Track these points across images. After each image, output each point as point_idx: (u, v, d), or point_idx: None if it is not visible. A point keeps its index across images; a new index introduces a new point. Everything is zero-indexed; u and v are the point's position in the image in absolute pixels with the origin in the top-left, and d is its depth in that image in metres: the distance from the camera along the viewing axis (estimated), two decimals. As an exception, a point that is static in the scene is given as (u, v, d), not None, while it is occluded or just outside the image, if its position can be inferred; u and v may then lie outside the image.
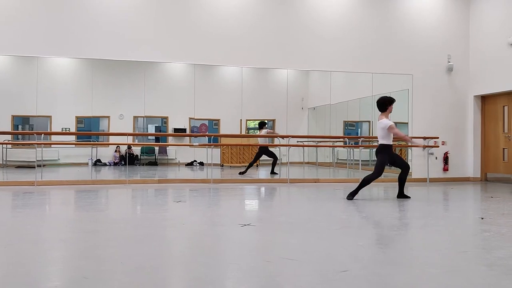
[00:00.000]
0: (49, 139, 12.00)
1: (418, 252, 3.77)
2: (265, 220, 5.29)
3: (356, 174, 10.46)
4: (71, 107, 13.32)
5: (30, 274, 3.02)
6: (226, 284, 2.95)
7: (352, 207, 6.28)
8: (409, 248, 3.97)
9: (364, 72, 10.85)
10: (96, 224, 4.90)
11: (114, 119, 13.63)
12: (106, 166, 13.68)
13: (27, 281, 2.87)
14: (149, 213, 5.88)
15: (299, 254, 3.58)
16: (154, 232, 4.43)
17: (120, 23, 9.36)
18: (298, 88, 14.36)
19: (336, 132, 13.31)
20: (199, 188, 8.40)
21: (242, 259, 3.53)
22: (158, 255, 3.58)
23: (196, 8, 9.78)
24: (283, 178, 9.70)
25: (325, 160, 13.84)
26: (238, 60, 10.21)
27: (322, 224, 4.89)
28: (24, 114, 13.09)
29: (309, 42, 10.23)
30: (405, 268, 3.27)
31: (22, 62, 12.48)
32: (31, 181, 8.56)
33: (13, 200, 6.97)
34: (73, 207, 6.55)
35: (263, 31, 10.00)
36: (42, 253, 3.63)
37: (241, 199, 7.52)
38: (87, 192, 7.70)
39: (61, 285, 2.86)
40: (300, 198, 7.56)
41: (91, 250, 3.70)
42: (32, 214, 5.59)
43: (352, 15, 10.49)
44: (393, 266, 3.28)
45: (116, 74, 13.08)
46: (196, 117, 13.47)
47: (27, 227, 4.66)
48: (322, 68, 10.90)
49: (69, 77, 13.52)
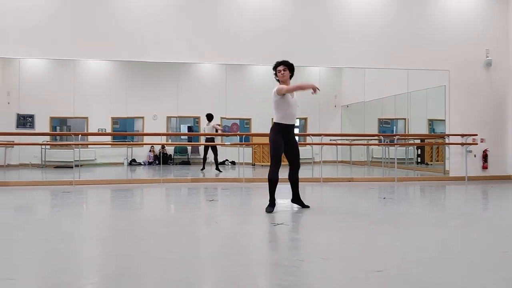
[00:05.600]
0: (86, 139, 12.30)
1: (456, 252, 3.64)
2: (298, 220, 5.24)
3: (392, 173, 10.25)
4: (107, 108, 13.62)
5: (68, 271, 3.08)
6: (259, 282, 2.93)
7: (387, 207, 6.15)
8: (447, 248, 3.84)
9: (399, 68, 10.62)
10: (132, 222, 4.98)
11: (148, 120, 13.86)
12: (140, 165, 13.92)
13: (66, 278, 2.92)
14: (182, 212, 5.93)
15: (333, 253, 3.52)
16: (187, 231, 4.46)
17: (153, 26, 9.48)
18: (330, 86, 14.20)
19: (371, 130, 13.10)
20: (231, 187, 8.42)
21: (274, 257, 3.50)
22: (192, 253, 3.59)
23: (227, 9, 9.80)
24: (316, 177, 9.61)
25: (359, 158, 13.63)
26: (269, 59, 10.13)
27: (356, 224, 4.81)
28: (62, 116, 13.45)
29: (342, 39, 10.09)
30: (442, 268, 3.17)
31: (60, 66, 12.84)
32: (69, 181, 8.78)
33: (52, 199, 7.16)
34: (109, 206, 6.68)
35: (294, 30, 9.93)
36: (80, 251, 3.71)
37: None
38: (122, 191, 7.84)
39: (98, 282, 2.90)
40: (334, 197, 7.47)
41: (127, 248, 3.75)
42: (70, 212, 5.73)
43: (386, 11, 10.29)
44: (430, 265, 3.18)
45: (150, 75, 13.29)
46: (228, 117, 13.52)
47: (65, 226, 4.78)
48: (355, 65, 10.74)
49: (105, 79, 13.83)
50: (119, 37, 9.37)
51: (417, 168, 12.18)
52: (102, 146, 13.32)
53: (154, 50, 9.54)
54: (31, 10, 9.08)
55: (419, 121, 12.47)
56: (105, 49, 9.41)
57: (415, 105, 12.25)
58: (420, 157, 12.63)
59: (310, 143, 10.82)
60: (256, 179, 9.66)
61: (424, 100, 12.20)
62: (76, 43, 9.26)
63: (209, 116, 11.63)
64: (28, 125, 13.11)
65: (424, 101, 12.24)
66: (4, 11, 9.00)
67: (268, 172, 5.44)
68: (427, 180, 10.22)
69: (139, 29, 9.43)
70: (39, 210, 6.32)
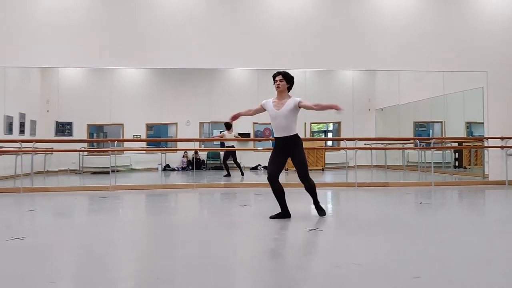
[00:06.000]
0: (121, 146, 12.55)
1: (496, 259, 3.51)
2: (332, 225, 5.17)
3: (428, 177, 10.01)
4: (142, 114, 13.88)
5: (105, 274, 3.14)
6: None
7: (423, 212, 6.00)
8: (486, 254, 3.70)
9: (434, 70, 10.39)
10: (166, 227, 5.04)
11: (182, 126, 14.04)
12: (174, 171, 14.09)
13: (103, 281, 2.98)
14: (216, 217, 5.96)
15: (369, 259, 3.45)
16: (221, 235, 4.47)
17: (186, 33, 9.61)
18: (364, 89, 14.02)
19: (406, 134, 12.85)
20: (264, 192, 8.40)
21: (308, 263, 3.46)
22: (225, 258, 3.59)
23: (258, 15, 9.83)
24: (351, 182, 9.48)
25: (395, 163, 13.37)
26: (301, 63, 10.13)
27: (392, 229, 4.71)
28: (99, 123, 13.79)
29: (376, 41, 9.95)
30: (481, 275, 3.05)
31: (96, 74, 13.19)
32: (106, 186, 8.97)
33: (90, 204, 7.33)
34: (144, 211, 6.78)
35: (326, 34, 9.85)
36: (116, 255, 3.77)
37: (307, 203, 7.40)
38: (157, 196, 7.96)
39: (134, 286, 2.94)
40: (369, 202, 7.34)
41: (162, 252, 3.79)
42: (107, 217, 5.85)
43: (421, 12, 10.09)
44: (468, 272, 3.08)
45: (183, 82, 13.47)
46: (260, 122, 13.53)
47: (103, 230, 4.88)
48: (389, 68, 10.57)
49: (140, 86, 14.11)
50: (153, 45, 9.53)
51: (455, 172, 11.85)
52: (137, 152, 13.58)
53: (187, 57, 9.66)
54: (69, 22, 9.35)
55: (456, 124, 12.15)
56: (140, 57, 9.59)
57: (452, 107, 11.94)
58: (457, 161, 12.30)
59: (344, 148, 10.69)
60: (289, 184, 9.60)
61: (461, 102, 11.88)
62: (112, 52, 9.48)
63: (227, 125, 11.64)
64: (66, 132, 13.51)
65: (461, 104, 11.92)
66: (43, 23, 9.31)
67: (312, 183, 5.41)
68: (466, 184, 9.92)
69: (172, 37, 9.57)
70: (77, 215, 6.48)
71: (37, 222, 5.58)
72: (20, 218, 5.90)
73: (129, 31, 9.52)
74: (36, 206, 6.83)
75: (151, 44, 9.54)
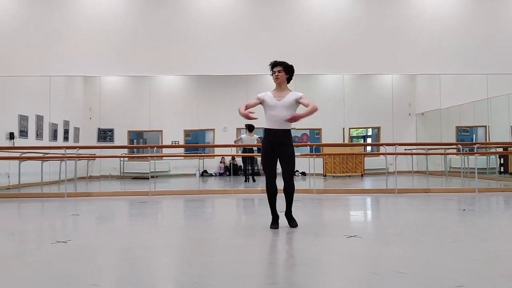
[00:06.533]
0: (160, 152, 12.78)
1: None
2: (372, 232, 5.07)
3: (472, 184, 9.67)
4: (180, 121, 14.10)
5: (144, 278, 3.18)
6: (332, 296, 2.85)
7: (467, 219, 5.79)
8: (539, 265, 3.53)
9: (477, 73, 10.06)
10: (204, 232, 5.07)
11: (219, 131, 14.17)
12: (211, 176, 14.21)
13: (142, 284, 3.02)
14: (253, 222, 5.95)
15: (409, 267, 3.35)
16: (257, 241, 4.46)
17: (223, 41, 9.71)
18: (404, 93, 13.73)
19: (448, 139, 12.48)
20: (302, 198, 8.34)
21: (347, 270, 3.40)
22: (262, 263, 3.58)
23: (295, 20, 9.82)
24: (391, 188, 9.28)
25: (436, 168, 13.00)
26: (340, 68, 10.04)
27: (434, 236, 4.56)
28: (139, 129, 14.11)
29: (416, 44, 9.74)
30: (535, 287, 2.91)
31: (136, 82, 13.51)
32: (146, 191, 9.14)
33: (130, 209, 7.48)
34: (182, 216, 6.86)
35: (365, 38, 9.74)
36: (155, 259, 3.82)
37: (346, 209, 7.31)
38: (195, 202, 8.03)
39: (172, 290, 2.96)
40: (409, 209, 7.15)
41: (199, 256, 3.81)
42: (146, 222, 5.95)
43: (462, 14, 9.82)
44: (521, 284, 2.94)
45: (220, 88, 13.59)
46: (297, 127, 13.47)
47: (142, 234, 4.96)
48: (430, 71, 10.33)
49: (178, 93, 14.35)
50: (191, 52, 9.69)
51: (500, 178, 11.41)
52: (176, 158, 13.78)
53: (223, 64, 9.75)
54: (110, 32, 9.64)
55: (501, 128, 11.70)
56: (178, 64, 9.77)
57: (496, 111, 11.52)
58: (503, 166, 11.84)
59: (383, 153, 10.49)
60: (328, 190, 9.51)
61: (506, 106, 11.45)
62: (151, 60, 9.69)
63: (250, 127, 11.62)
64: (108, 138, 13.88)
65: (506, 107, 11.49)
66: (85, 33, 9.62)
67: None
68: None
69: (209, 45, 9.70)
70: (119, 219, 6.62)
71: (80, 226, 5.74)
72: (64, 222, 6.08)
73: (167, 39, 9.71)
74: (79, 211, 7.03)
75: (188, 52, 9.69)
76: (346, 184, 11.60)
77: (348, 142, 13.65)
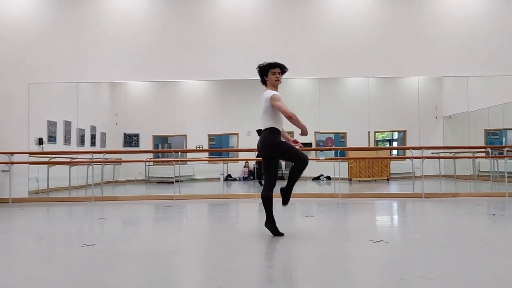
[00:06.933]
0: (185, 156, 12.87)
1: None
2: (399, 237, 4.98)
3: (502, 188, 9.42)
4: (204, 125, 14.18)
5: (168, 282, 3.19)
6: (358, 302, 2.81)
7: (498, 224, 5.63)
8: None
9: (506, 75, 9.81)
10: (228, 236, 5.07)
11: (243, 136, 14.18)
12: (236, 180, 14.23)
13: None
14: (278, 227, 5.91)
15: (437, 273, 3.27)
16: (282, 246, 4.43)
17: (245, 45, 9.74)
18: (430, 96, 13.48)
19: (476, 142, 12.19)
20: (327, 202, 8.27)
21: (374, 276, 3.34)
22: (287, 268, 3.55)
23: (318, 23, 9.78)
24: (417, 193, 9.12)
25: (465, 172, 12.71)
26: (365, 71, 9.95)
27: (462, 242, 4.45)
28: (163, 134, 14.24)
29: (443, 46, 9.57)
30: None
31: (161, 87, 13.65)
32: (170, 195, 9.22)
33: (155, 212, 7.55)
34: (207, 220, 6.88)
35: (390, 41, 9.63)
36: (180, 263, 3.84)
37: (372, 214, 7.21)
38: (219, 206, 8.05)
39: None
40: (437, 214, 7.01)
41: (224, 261, 3.81)
42: (171, 226, 5.99)
43: (489, 13, 9.60)
44: (556, 292, 2.83)
45: (243, 92, 13.60)
46: (322, 131, 13.39)
47: (168, 238, 4.99)
48: (457, 73, 10.13)
49: (201, 97, 14.44)
50: (215, 57, 9.74)
51: (532, 182, 11.07)
52: (200, 162, 13.86)
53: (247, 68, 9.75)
54: (135, 38, 9.79)
55: (533, 131, 11.38)
56: (202, 69, 9.83)
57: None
58: (535, 170, 11.47)
59: (410, 157, 10.32)
60: (353, 195, 9.41)
61: (537, 108, 11.13)
62: (176, 65, 9.79)
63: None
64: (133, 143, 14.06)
65: (537, 109, 11.17)
66: (110, 41, 9.79)
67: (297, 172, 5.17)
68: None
69: (231, 49, 9.74)
70: (144, 223, 6.69)
71: (106, 230, 5.82)
72: (91, 226, 6.18)
73: (192, 44, 9.80)
74: (106, 214, 7.13)
75: (213, 57, 9.75)
76: (372, 188, 11.45)
77: (374, 146, 13.49)
